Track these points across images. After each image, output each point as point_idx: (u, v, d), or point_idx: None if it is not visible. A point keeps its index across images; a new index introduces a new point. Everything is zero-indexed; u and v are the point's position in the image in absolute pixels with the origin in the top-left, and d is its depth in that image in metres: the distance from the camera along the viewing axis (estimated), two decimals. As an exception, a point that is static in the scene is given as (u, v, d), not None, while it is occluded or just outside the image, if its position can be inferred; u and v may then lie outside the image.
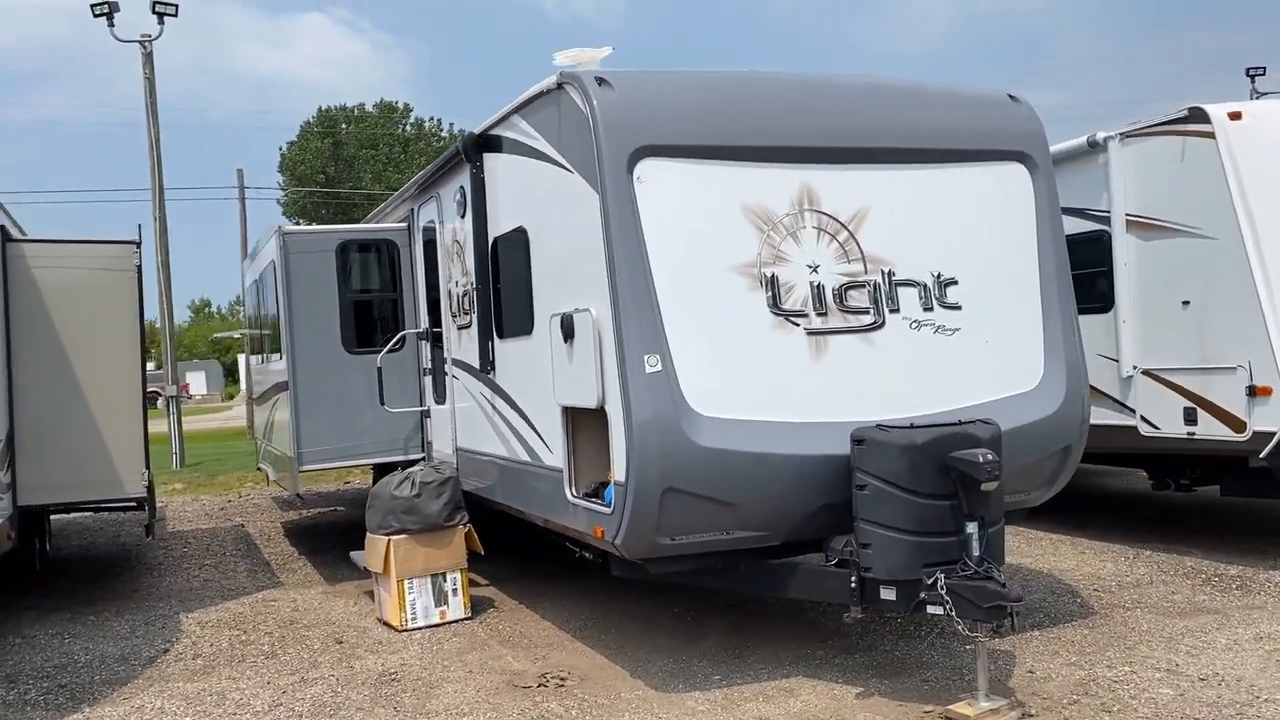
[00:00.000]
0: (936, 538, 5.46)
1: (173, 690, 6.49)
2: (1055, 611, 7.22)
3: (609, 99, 5.74)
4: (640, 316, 5.58)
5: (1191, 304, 8.24)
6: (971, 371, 6.31)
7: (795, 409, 5.86)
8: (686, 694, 5.94)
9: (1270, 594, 7.39)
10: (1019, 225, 6.59)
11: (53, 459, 8.14)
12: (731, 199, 5.91)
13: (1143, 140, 8.60)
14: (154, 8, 18.88)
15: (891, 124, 6.35)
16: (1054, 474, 6.61)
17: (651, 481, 5.52)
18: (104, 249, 8.45)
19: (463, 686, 6.28)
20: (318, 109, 76.64)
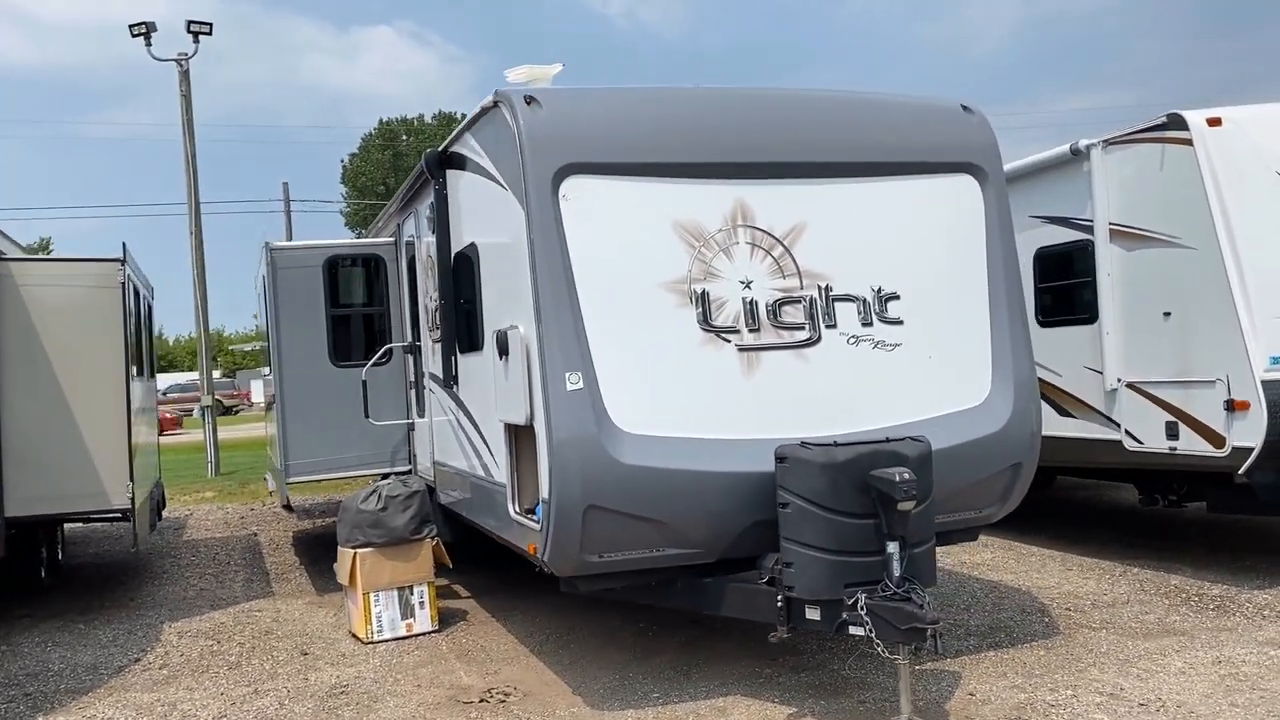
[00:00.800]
0: (858, 557, 5.39)
1: (129, 700, 6.64)
2: (1019, 631, 7.08)
3: (535, 118, 5.77)
4: (562, 334, 5.60)
5: (1172, 315, 8.03)
6: (912, 387, 6.22)
7: (725, 426, 5.82)
8: (620, 713, 5.93)
9: (1246, 615, 7.16)
10: (968, 238, 6.49)
11: (40, 472, 8.37)
12: (662, 216, 5.90)
13: (1125, 148, 8.41)
14: (189, 27, 19.38)
15: (832, 138, 6.29)
16: (1005, 491, 6.49)
17: (573, 499, 5.53)
18: (89, 267, 8.68)
19: (405, 701, 6.34)
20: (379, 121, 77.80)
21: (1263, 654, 6.31)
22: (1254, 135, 7.76)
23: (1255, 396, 7.33)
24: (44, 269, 8.60)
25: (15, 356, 8.33)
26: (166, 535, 13.62)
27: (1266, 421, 7.29)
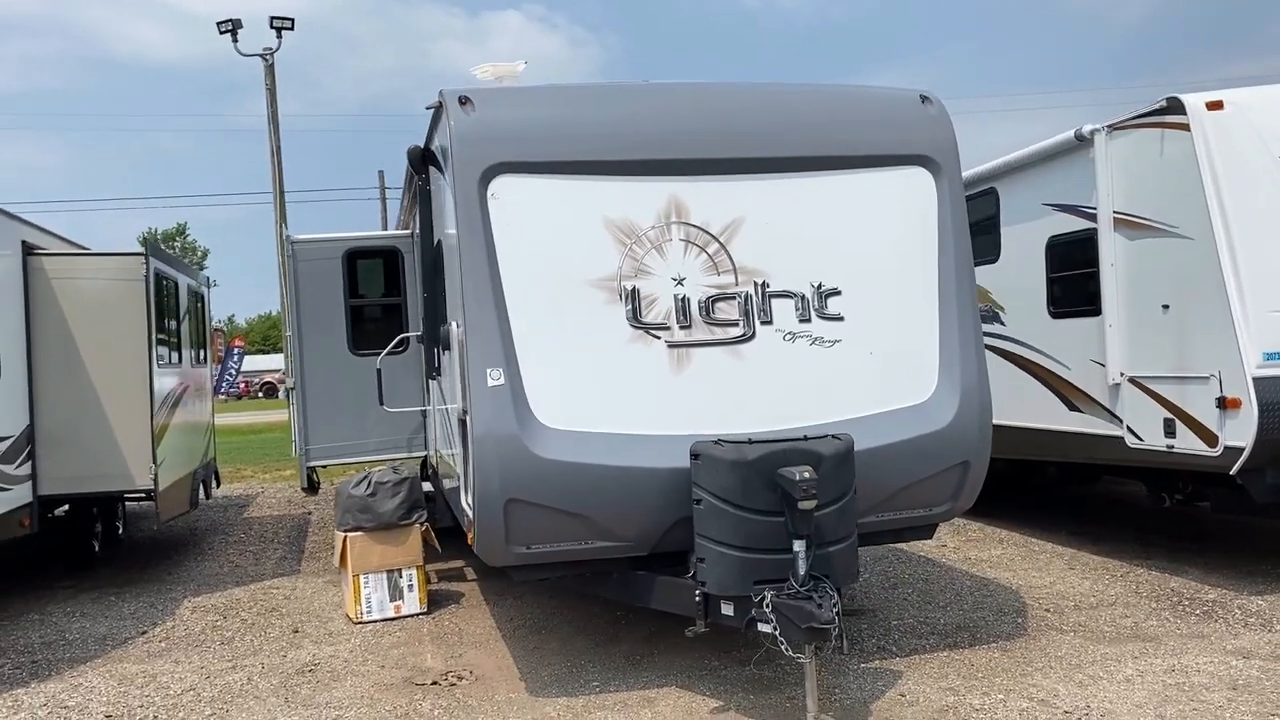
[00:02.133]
0: (767, 555, 5.41)
1: (117, 671, 7.08)
2: (984, 632, 6.95)
3: (466, 118, 5.91)
4: (485, 331, 5.74)
5: (1171, 308, 7.72)
6: (851, 384, 6.16)
7: (653, 422, 5.88)
8: (553, 699, 6.06)
9: (1229, 622, 6.89)
10: (918, 233, 6.38)
11: (70, 454, 8.95)
12: (593, 214, 5.97)
13: (1128, 133, 8.08)
14: (272, 23, 20.14)
15: (775, 132, 6.25)
16: (956, 489, 6.37)
17: (492, 492, 5.68)
18: (115, 261, 9.21)
19: (362, 681, 6.60)
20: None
21: (1222, 664, 6.08)
22: (1259, 119, 7.39)
23: (1246, 393, 7.01)
24: (73, 263, 9.14)
25: (48, 345, 8.90)
26: (229, 512, 14.33)
27: (1258, 420, 6.98)
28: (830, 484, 5.52)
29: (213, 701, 6.34)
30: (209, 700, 6.37)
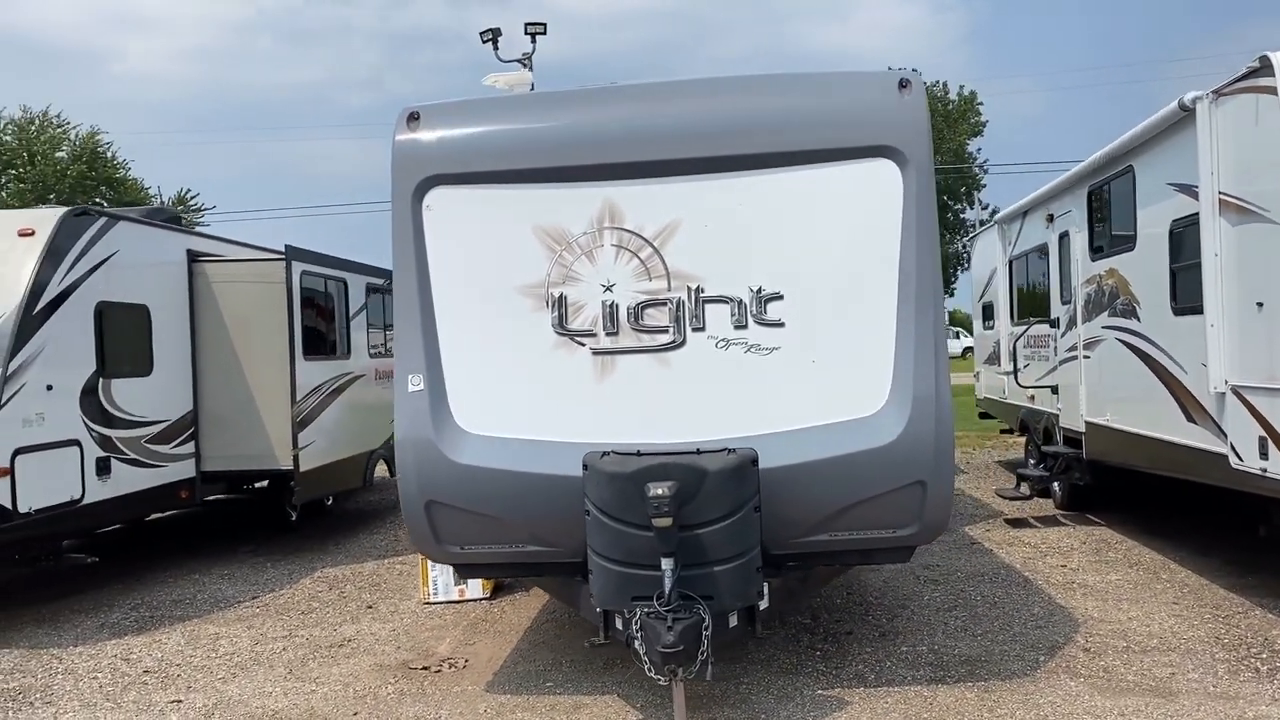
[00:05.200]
0: (643, 570, 5.29)
1: (199, 630, 8.05)
2: (986, 669, 6.31)
3: (407, 135, 6.15)
4: (409, 338, 5.99)
5: (1265, 306, 6.54)
6: (788, 395, 5.79)
7: (573, 430, 5.85)
8: (495, 695, 6.25)
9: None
10: (879, 231, 5.84)
11: (226, 435, 10.19)
12: (523, 221, 6.02)
13: (1229, 100, 6.90)
14: (526, 29, 21.27)
15: (715, 130, 5.97)
16: (917, 510, 5.79)
17: (411, 494, 5.94)
18: (262, 265, 10.33)
19: (367, 660, 7.10)
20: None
21: (1216, 731, 5.17)
22: (1371, 77, 6.08)
23: (1322, 412, 5.83)
24: (228, 268, 10.35)
25: (209, 340, 10.18)
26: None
27: (1337, 444, 5.79)
28: (715, 500, 5.29)
29: (236, 666, 7.09)
30: (235, 664, 7.12)
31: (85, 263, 8.49)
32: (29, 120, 53.48)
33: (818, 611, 7.65)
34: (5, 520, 7.47)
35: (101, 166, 54.26)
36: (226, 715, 6.16)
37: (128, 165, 56.17)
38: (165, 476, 9.61)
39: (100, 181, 54.25)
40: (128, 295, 9.12)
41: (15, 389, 7.65)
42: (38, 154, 52.07)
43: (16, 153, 52.58)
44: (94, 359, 8.59)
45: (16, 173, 52.68)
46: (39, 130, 52.91)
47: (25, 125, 53.36)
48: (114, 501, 8.79)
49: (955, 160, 72.20)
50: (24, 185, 51.89)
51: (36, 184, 51.26)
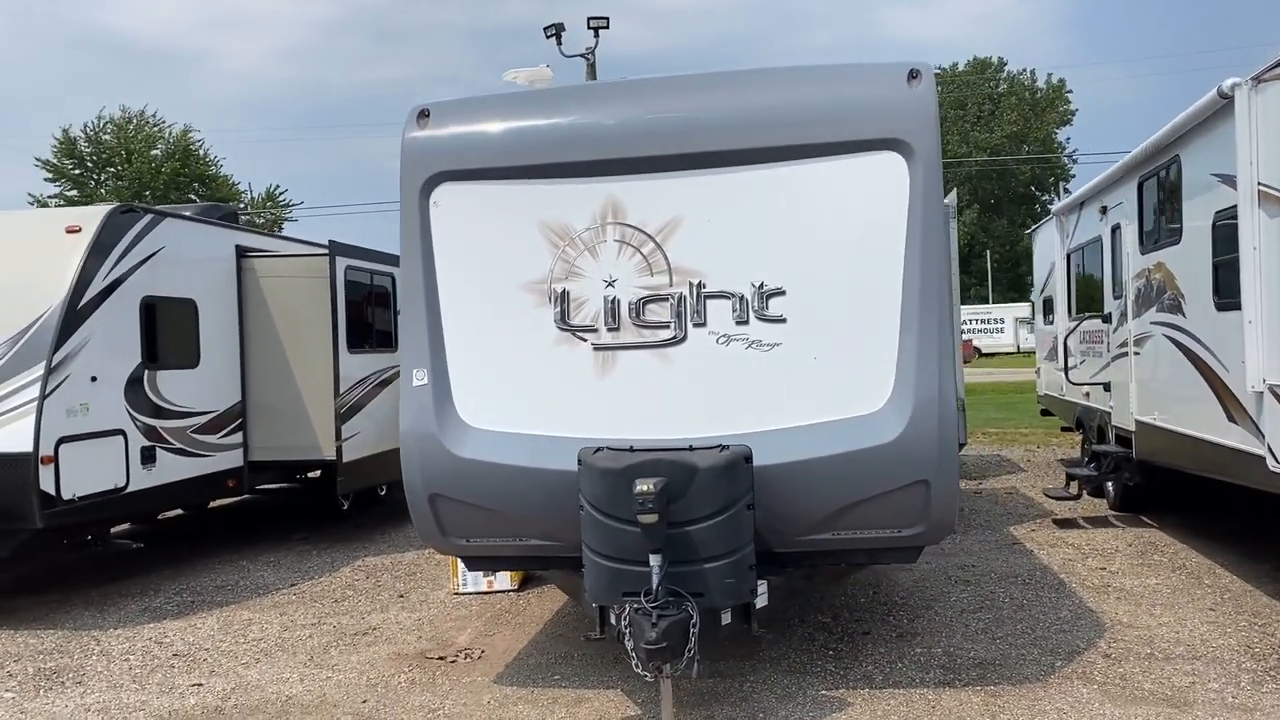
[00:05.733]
0: (633, 566, 5.28)
1: (234, 616, 8.27)
2: (998, 673, 6.18)
3: (416, 131, 6.22)
4: (414, 333, 6.07)
5: (1302, 302, 6.26)
6: (788, 391, 5.73)
7: (575, 425, 5.87)
8: (501, 687, 6.30)
9: (1310, 695, 5.56)
10: (885, 225, 5.74)
11: (273, 426, 10.44)
12: (528, 217, 6.05)
13: (1271, 86, 6.61)
14: (589, 24, 21.32)
15: (718, 125, 5.92)
16: (922, 510, 5.69)
17: (415, 487, 6.03)
18: (307, 260, 10.54)
19: (388, 648, 7.22)
20: (909, 75, 76.92)
21: (1218, 745, 4.99)
22: None
23: (1351, 414, 5.57)
24: (275, 263, 10.59)
25: (257, 333, 10.44)
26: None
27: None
28: (706, 497, 5.26)
29: (261, 652, 7.27)
30: (261, 650, 7.31)
31: (131, 258, 8.76)
32: (127, 120, 55.37)
33: (839, 610, 7.56)
34: (48, 506, 7.76)
35: (194, 164, 55.88)
36: (242, 699, 6.33)
37: (219, 162, 57.85)
38: (212, 466, 9.88)
39: (193, 178, 55.89)
40: (174, 290, 9.39)
41: (59, 380, 7.94)
42: (134, 152, 53.88)
43: (115, 151, 54.46)
44: (139, 351, 8.86)
45: (115, 170, 54.59)
46: (136, 129, 54.79)
47: (124, 125, 55.24)
48: (159, 489, 9.07)
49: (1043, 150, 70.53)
50: (121, 183, 53.77)
51: (133, 181, 53.07)
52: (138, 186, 52.56)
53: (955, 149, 70.81)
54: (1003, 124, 71.09)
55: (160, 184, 53.02)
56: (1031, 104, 73.30)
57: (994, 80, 75.12)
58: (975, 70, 74.93)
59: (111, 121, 54.80)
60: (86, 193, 52.82)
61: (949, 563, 8.93)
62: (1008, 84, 73.97)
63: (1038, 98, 73.53)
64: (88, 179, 54.12)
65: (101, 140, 54.31)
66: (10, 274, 8.29)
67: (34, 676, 6.87)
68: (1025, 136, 71.91)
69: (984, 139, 70.15)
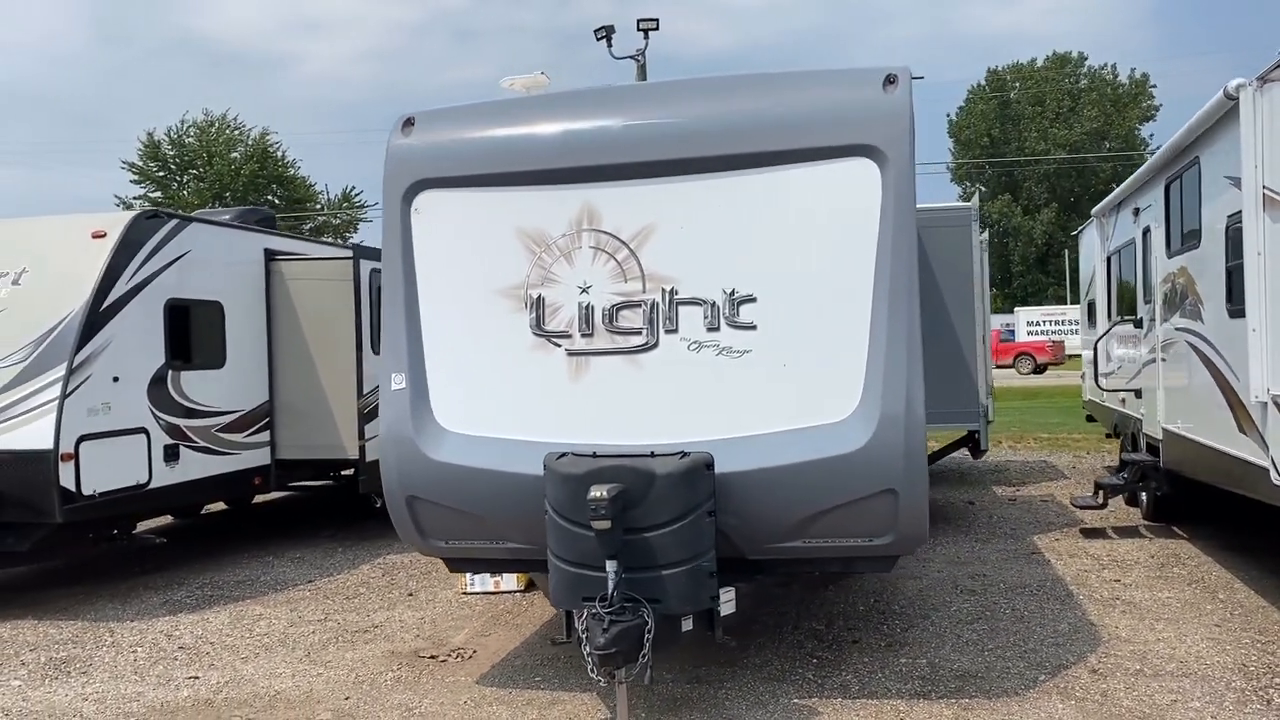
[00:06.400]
0: (592, 571, 5.32)
1: (245, 610, 8.49)
2: (977, 687, 6.07)
3: (400, 139, 6.34)
4: (394, 338, 6.18)
5: (1300, 310, 6.06)
6: (757, 398, 5.71)
7: (549, 430, 5.93)
8: (481, 688, 6.37)
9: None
10: (856, 232, 5.69)
11: (299, 426, 10.68)
12: (506, 224, 6.13)
13: (1276, 86, 6.40)
14: (638, 26, 21.35)
15: (692, 132, 5.93)
16: (890, 519, 5.63)
17: (393, 489, 6.13)
18: (331, 264, 10.76)
19: (384, 647, 7.35)
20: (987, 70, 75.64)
21: (1180, 766, 4.85)
22: None
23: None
24: (302, 266, 10.82)
25: (285, 334, 10.69)
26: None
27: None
28: (665, 504, 5.29)
29: (262, 647, 7.45)
30: (263, 645, 7.49)
31: (155, 262, 9.05)
32: (209, 123, 56.95)
33: (834, 618, 7.50)
34: (69, 502, 8.06)
35: (272, 165, 57.27)
36: (233, 693, 6.50)
37: (297, 164, 59.19)
38: (238, 464, 10.14)
39: (270, 180, 57.29)
40: (200, 292, 9.67)
41: (80, 380, 8.23)
42: (215, 155, 55.40)
43: (197, 153, 56.01)
44: (163, 352, 9.14)
45: (196, 172, 56.18)
46: (217, 132, 56.34)
47: (205, 128, 56.83)
48: (183, 486, 9.34)
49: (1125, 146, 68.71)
50: (203, 184, 55.36)
51: (213, 183, 54.59)
52: (218, 188, 54.07)
53: (1033, 146, 69.39)
54: (1083, 120, 69.46)
55: (239, 185, 54.47)
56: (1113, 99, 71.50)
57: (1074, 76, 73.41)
58: (1054, 65, 73.29)
59: (194, 125, 56.45)
60: (170, 194, 54.50)
61: (960, 571, 8.80)
62: (1088, 79, 72.26)
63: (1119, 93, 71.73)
64: (171, 181, 55.83)
65: (184, 143, 55.95)
66: (39, 278, 8.62)
67: (44, 665, 7.14)
68: (1106, 133, 70.14)
69: (1063, 136, 68.60)
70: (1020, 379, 38.04)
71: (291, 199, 57.25)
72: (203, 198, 52.67)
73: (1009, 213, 68.76)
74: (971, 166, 72.84)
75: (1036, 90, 72.18)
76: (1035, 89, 71.88)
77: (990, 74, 75.07)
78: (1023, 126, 71.61)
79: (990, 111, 72.70)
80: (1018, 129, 71.82)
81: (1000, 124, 72.49)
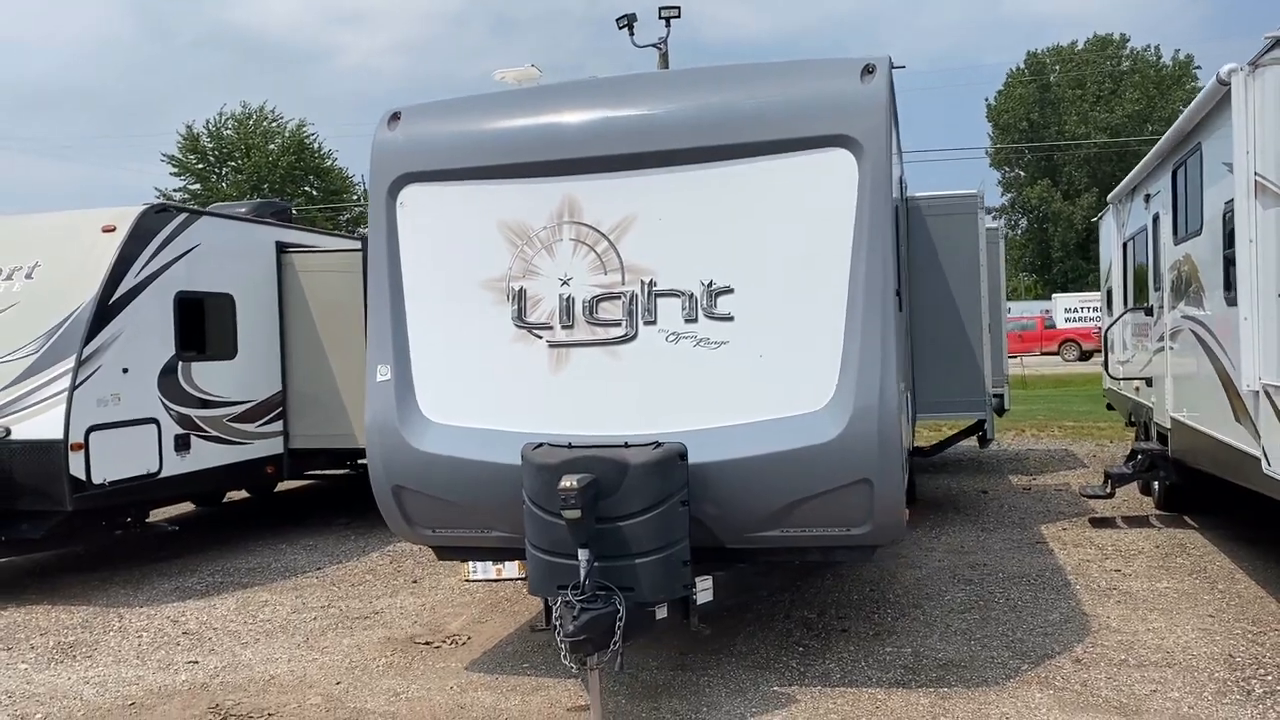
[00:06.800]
0: (568, 560, 5.39)
1: (252, 597, 8.66)
2: (957, 676, 6.08)
3: (386, 134, 6.42)
4: (379, 330, 6.28)
5: (1285, 298, 5.99)
6: (734, 390, 5.74)
7: (530, 420, 6.00)
8: (469, 674, 6.49)
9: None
10: (832, 223, 5.69)
11: (311, 416, 10.85)
12: (489, 216, 6.19)
13: (1267, 70, 6.32)
14: (660, 14, 21.31)
15: (670, 124, 5.95)
16: (866, 509, 5.64)
17: (379, 478, 6.24)
18: (341, 255, 10.90)
19: (380, 633, 7.49)
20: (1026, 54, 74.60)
21: (1147, 757, 4.85)
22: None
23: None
24: (313, 258, 10.95)
25: (297, 325, 10.85)
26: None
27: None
28: (637, 493, 5.34)
29: (263, 632, 7.61)
30: (264, 631, 7.65)
31: (165, 255, 9.22)
32: (247, 115, 57.57)
33: (826, 606, 7.53)
34: (79, 490, 8.26)
35: (309, 157, 57.80)
36: (228, 677, 6.65)
37: (334, 156, 59.72)
38: (250, 453, 10.33)
39: (308, 171, 57.83)
40: (211, 285, 9.84)
41: (89, 372, 8.43)
42: (253, 147, 56.01)
43: (235, 145, 56.64)
44: (173, 344, 9.32)
45: (235, 164, 56.85)
46: (255, 124, 56.95)
47: (243, 120, 57.45)
48: (194, 475, 9.53)
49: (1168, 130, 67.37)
50: (241, 176, 56.02)
51: (251, 174, 55.20)
52: (256, 179, 54.70)
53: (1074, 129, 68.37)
54: (1125, 103, 68.26)
55: (277, 177, 55.09)
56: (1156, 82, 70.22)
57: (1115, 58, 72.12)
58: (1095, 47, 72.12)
59: (232, 117, 57.11)
60: (209, 186, 55.21)
61: (962, 560, 8.78)
62: (1130, 61, 70.96)
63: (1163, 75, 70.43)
64: (209, 173, 56.54)
65: (223, 135, 56.62)
66: (51, 272, 8.82)
67: (52, 649, 7.34)
68: (1149, 116, 68.90)
69: (1104, 119, 67.49)
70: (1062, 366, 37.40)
71: (329, 190, 57.78)
72: (240, 190, 53.28)
73: (1048, 198, 67.86)
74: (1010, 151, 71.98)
75: (1077, 73, 71.05)
76: (1075, 71, 70.74)
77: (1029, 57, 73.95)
78: (1063, 110, 70.45)
79: (1029, 95, 71.67)
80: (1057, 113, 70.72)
81: (1040, 108, 71.46)
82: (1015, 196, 76.76)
